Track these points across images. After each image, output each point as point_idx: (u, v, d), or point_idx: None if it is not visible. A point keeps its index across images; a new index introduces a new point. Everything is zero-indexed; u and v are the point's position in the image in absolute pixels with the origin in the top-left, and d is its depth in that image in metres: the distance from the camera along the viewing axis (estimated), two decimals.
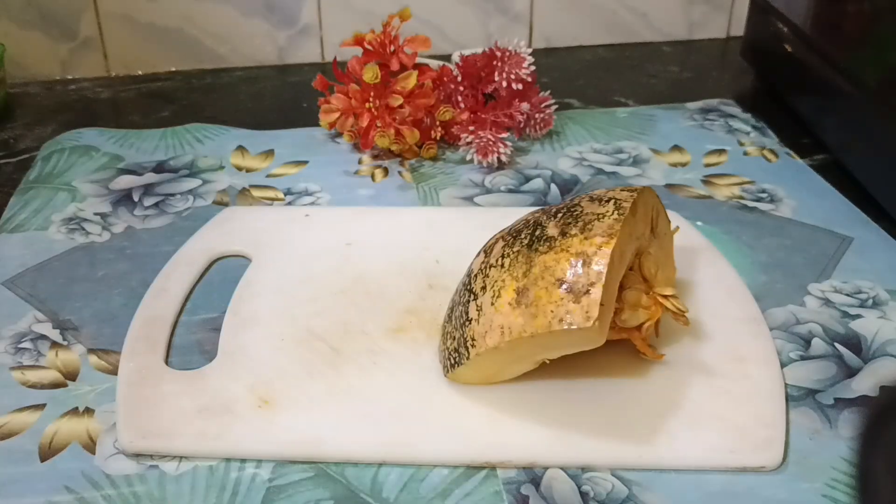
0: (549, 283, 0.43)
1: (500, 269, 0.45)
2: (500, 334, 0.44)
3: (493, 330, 0.44)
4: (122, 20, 0.87)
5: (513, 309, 0.43)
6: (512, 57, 0.71)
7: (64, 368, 0.51)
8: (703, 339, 0.52)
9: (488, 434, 0.46)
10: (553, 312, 0.42)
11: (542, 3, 0.93)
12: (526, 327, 0.43)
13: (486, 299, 0.45)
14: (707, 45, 0.98)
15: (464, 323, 0.46)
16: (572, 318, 0.42)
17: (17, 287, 0.57)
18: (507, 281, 0.44)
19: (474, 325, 0.45)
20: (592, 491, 0.43)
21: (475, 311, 0.45)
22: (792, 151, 0.74)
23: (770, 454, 0.45)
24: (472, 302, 0.46)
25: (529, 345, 0.44)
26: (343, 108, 0.73)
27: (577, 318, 0.42)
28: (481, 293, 0.45)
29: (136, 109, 0.83)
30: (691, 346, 0.51)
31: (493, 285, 0.45)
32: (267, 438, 0.45)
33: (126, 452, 0.45)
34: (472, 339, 0.45)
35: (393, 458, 0.45)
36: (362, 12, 0.90)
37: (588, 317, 0.42)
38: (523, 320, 0.43)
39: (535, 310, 0.43)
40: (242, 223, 0.63)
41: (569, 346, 0.44)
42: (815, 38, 0.76)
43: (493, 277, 0.45)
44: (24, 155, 0.75)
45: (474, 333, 0.45)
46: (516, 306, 0.43)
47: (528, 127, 0.74)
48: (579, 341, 0.43)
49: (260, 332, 0.52)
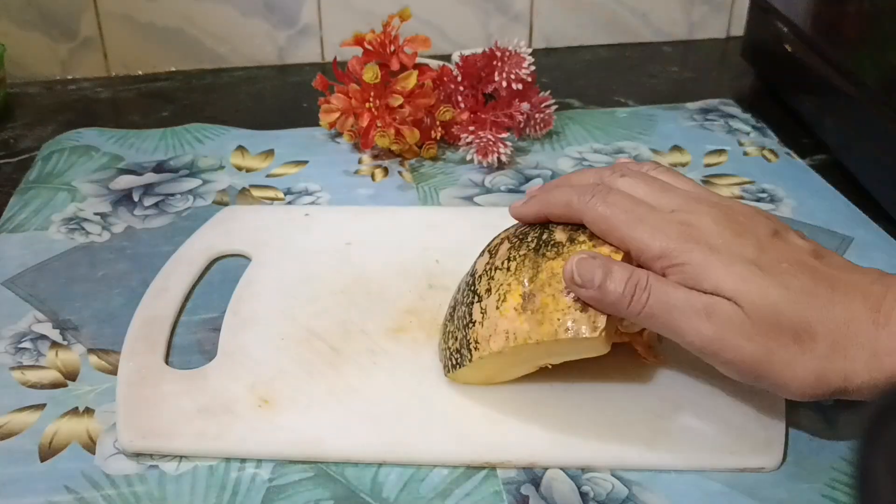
0: (556, 291, 0.43)
1: (505, 273, 0.45)
2: (504, 339, 0.44)
3: (497, 334, 0.44)
4: (122, 20, 0.87)
5: (518, 314, 0.43)
6: (512, 57, 0.71)
7: (64, 368, 0.51)
8: None
9: (489, 434, 0.46)
10: (559, 320, 0.42)
11: (542, 3, 0.93)
12: (531, 334, 0.43)
13: (490, 302, 0.45)
14: (707, 46, 0.98)
15: (467, 324, 0.46)
16: (578, 327, 0.42)
17: (17, 287, 0.57)
18: (513, 285, 0.44)
19: (478, 328, 0.45)
20: (592, 491, 0.43)
21: (479, 314, 0.45)
22: (792, 151, 0.74)
23: (769, 455, 0.45)
24: (477, 304, 0.46)
25: (534, 351, 0.43)
26: (343, 107, 0.73)
27: (584, 327, 0.42)
28: (486, 296, 0.45)
29: (136, 109, 0.83)
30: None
31: (498, 288, 0.45)
32: (267, 438, 0.45)
33: (126, 452, 0.45)
34: (475, 341, 0.45)
35: (393, 458, 0.45)
36: (362, 12, 0.90)
37: (595, 327, 0.42)
38: (529, 326, 0.43)
39: (541, 316, 0.43)
40: (242, 223, 0.63)
41: (573, 353, 0.44)
42: (815, 38, 0.76)
43: (499, 280, 0.45)
44: (24, 155, 0.75)
45: (478, 336, 0.45)
46: (522, 312, 0.43)
47: (528, 127, 0.74)
48: (584, 349, 0.43)
49: (260, 332, 0.52)
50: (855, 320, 0.40)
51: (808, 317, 0.40)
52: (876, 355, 0.40)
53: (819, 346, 0.40)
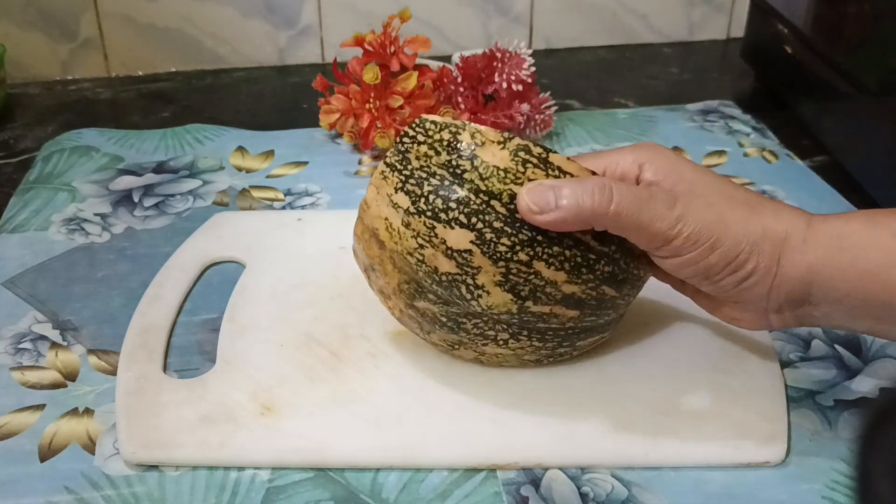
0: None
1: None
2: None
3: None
4: (123, 20, 0.87)
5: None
6: (512, 58, 0.71)
7: (64, 369, 0.51)
8: (703, 337, 0.52)
9: (492, 436, 0.46)
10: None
11: (543, 4, 0.93)
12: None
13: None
14: (707, 47, 0.98)
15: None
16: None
17: (17, 287, 0.57)
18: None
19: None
20: (592, 492, 0.43)
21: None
22: (792, 153, 0.74)
23: (773, 449, 0.45)
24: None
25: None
26: (343, 108, 0.73)
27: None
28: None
29: (136, 110, 0.83)
30: (692, 344, 0.51)
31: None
32: (271, 446, 0.45)
33: (129, 463, 0.45)
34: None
35: (400, 462, 0.45)
36: (362, 13, 0.90)
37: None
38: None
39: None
40: (234, 228, 0.62)
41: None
42: (814, 39, 0.76)
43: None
44: (24, 155, 0.75)
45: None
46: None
47: (529, 128, 0.74)
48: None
49: (259, 339, 0.52)
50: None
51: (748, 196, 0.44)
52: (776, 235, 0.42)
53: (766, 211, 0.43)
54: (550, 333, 0.45)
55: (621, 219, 0.41)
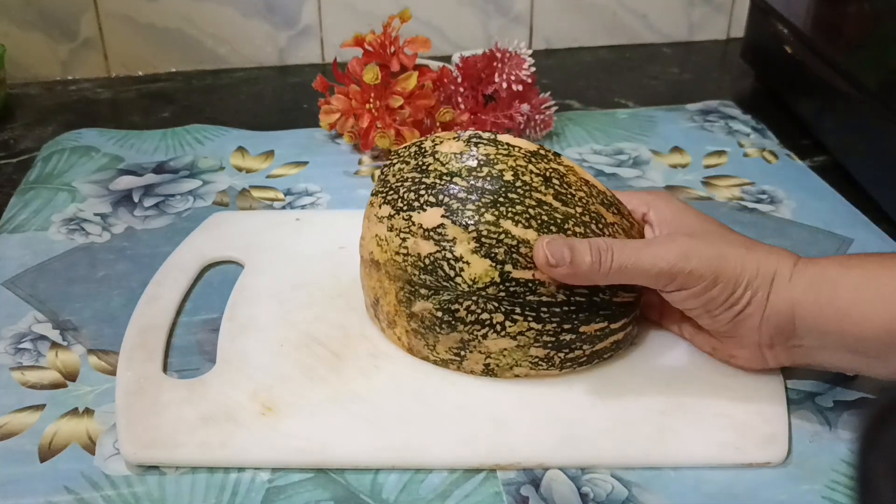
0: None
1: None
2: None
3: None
4: (123, 21, 0.87)
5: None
6: (512, 58, 0.71)
7: (64, 369, 0.51)
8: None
9: (492, 436, 0.46)
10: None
11: (543, 4, 0.93)
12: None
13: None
14: (707, 47, 0.98)
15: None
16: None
17: (17, 287, 0.57)
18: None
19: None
20: (592, 492, 0.43)
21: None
22: (792, 153, 0.74)
23: (774, 449, 0.45)
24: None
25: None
26: (343, 108, 0.73)
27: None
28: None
29: (137, 110, 0.83)
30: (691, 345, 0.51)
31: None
32: (272, 446, 0.45)
33: (129, 463, 0.45)
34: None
35: (400, 463, 0.45)
36: (362, 13, 0.90)
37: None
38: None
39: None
40: (232, 229, 0.62)
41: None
42: (815, 39, 0.76)
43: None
44: (24, 155, 0.75)
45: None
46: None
47: (528, 128, 0.74)
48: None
49: (258, 339, 0.52)
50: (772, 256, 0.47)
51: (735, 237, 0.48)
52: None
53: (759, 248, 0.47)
54: (545, 310, 0.46)
55: (626, 270, 0.45)
